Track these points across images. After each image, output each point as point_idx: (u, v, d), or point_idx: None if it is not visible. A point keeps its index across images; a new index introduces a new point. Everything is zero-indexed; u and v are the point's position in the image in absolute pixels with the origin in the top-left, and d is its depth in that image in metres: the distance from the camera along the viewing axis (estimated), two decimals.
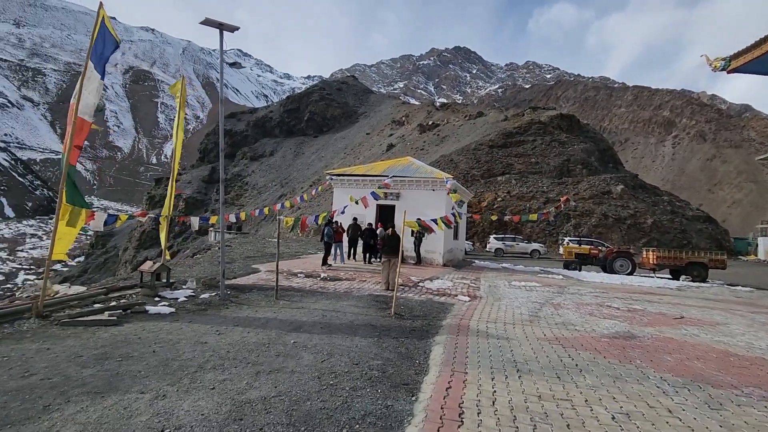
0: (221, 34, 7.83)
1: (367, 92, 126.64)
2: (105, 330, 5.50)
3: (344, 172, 17.83)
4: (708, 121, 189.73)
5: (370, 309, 7.61)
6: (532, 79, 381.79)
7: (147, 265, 8.30)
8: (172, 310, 6.81)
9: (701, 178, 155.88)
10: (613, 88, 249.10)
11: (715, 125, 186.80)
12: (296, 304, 7.77)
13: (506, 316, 7.37)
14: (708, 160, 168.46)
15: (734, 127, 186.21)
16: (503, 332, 6.15)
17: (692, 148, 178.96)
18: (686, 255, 18.12)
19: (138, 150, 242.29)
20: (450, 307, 8.08)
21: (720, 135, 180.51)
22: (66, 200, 6.42)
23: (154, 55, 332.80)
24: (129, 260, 65.16)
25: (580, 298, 10.01)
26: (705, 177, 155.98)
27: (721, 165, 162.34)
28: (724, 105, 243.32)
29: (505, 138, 49.91)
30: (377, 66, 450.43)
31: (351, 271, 12.23)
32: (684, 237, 37.48)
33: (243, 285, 9.45)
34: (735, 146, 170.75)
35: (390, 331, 6.10)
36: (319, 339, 5.51)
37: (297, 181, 79.38)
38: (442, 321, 6.84)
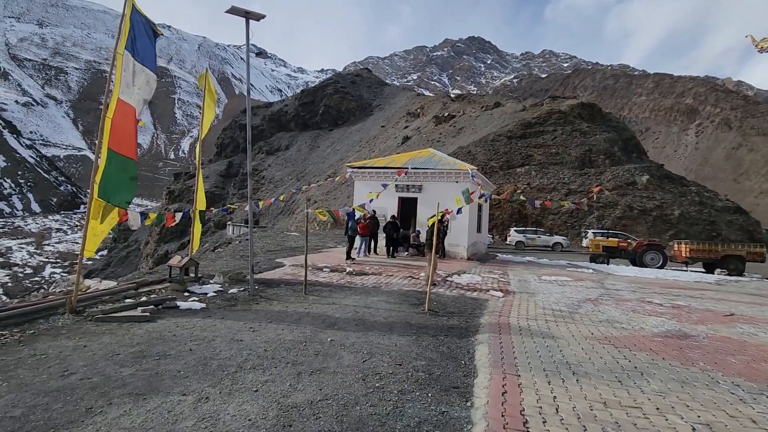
0: (247, 23, 7.62)
1: (382, 84, 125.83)
2: (139, 326, 5.40)
3: (365, 165, 17.59)
4: (734, 108, 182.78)
5: (402, 305, 7.39)
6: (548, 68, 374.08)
7: (176, 260, 8.23)
8: (203, 305, 6.70)
9: (726, 168, 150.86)
10: (633, 75, 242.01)
11: (741, 112, 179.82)
12: (326, 299, 7.59)
13: (545, 312, 7.06)
14: (734, 149, 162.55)
15: (762, 114, 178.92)
16: (547, 330, 5.86)
17: (717, 137, 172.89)
18: (722, 248, 17.39)
19: (156, 146, 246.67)
20: (484, 303, 7.80)
21: (746, 122, 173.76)
22: (98, 195, 6.33)
23: (170, 52, 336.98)
24: (150, 254, 66.50)
25: (617, 294, 9.60)
26: (730, 166, 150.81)
27: (748, 154, 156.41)
28: (751, 91, 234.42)
29: (523, 128, 48.90)
30: (390, 58, 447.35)
31: (376, 266, 12.03)
32: (713, 229, 36.23)
33: (270, 279, 9.33)
34: (763, 134, 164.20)
35: (427, 329, 5.86)
36: (356, 337, 5.31)
37: (312, 174, 79.57)
38: (480, 318, 6.57)
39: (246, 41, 7.65)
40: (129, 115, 6.68)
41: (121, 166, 6.46)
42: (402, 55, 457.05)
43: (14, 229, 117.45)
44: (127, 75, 6.73)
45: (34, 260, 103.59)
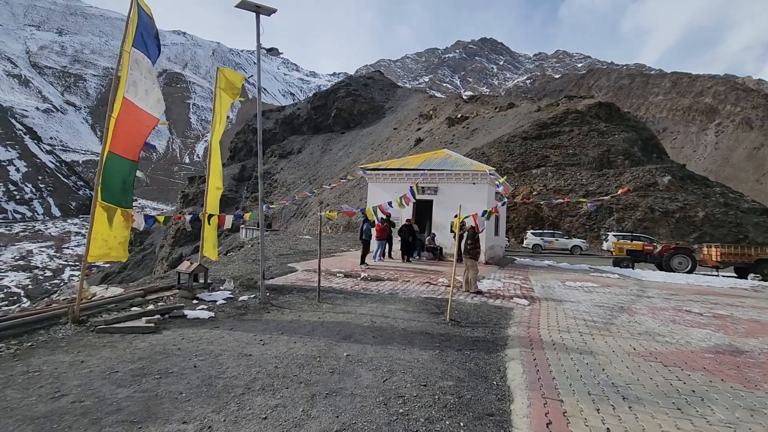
0: (257, 17, 7.29)
1: (394, 87, 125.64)
2: (142, 338, 5.05)
3: (379, 166, 17.18)
4: (755, 107, 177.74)
5: (421, 314, 6.93)
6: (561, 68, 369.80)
7: (184, 266, 7.91)
8: (211, 314, 6.34)
9: (748, 168, 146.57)
10: (650, 75, 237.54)
11: (762, 111, 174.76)
12: (340, 307, 7.17)
13: (577, 323, 6.52)
14: (755, 149, 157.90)
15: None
16: (583, 345, 5.33)
17: (737, 137, 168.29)
18: (755, 251, 16.49)
19: (172, 150, 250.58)
20: (509, 312, 7.29)
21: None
22: (102, 198, 6.03)
23: (185, 58, 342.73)
24: (165, 257, 67.18)
25: (650, 301, 8.98)
26: (752, 167, 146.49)
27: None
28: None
29: (539, 129, 48.00)
30: (402, 61, 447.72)
31: (391, 271, 11.58)
32: (740, 231, 34.88)
33: (281, 286, 8.96)
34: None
35: (451, 342, 5.39)
36: (373, 351, 4.87)
37: (325, 177, 79.56)
38: (507, 329, 6.07)
39: (256, 36, 7.31)
40: (134, 115, 6.37)
41: (121, 167, 6.16)
42: (413, 57, 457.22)
43: (35, 232, 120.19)
44: (136, 74, 6.44)
45: (53, 263, 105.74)
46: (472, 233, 8.99)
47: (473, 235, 8.98)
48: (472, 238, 8.91)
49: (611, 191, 37.51)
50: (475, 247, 8.90)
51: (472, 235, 8.97)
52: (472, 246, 8.89)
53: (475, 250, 8.90)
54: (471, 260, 8.90)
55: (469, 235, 8.93)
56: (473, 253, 8.92)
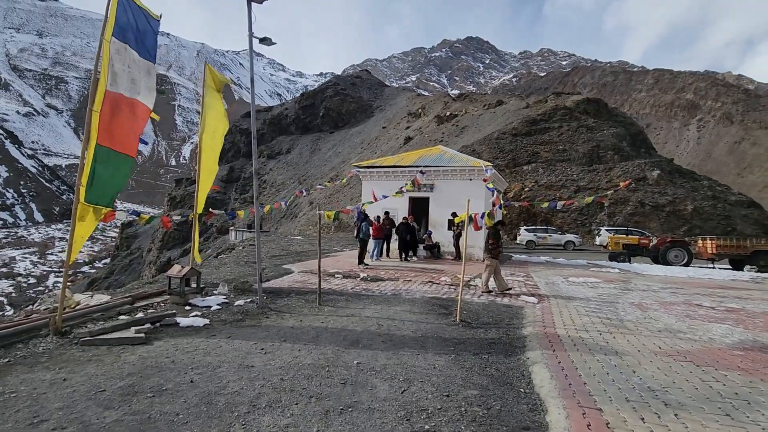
0: (249, 5, 6.87)
1: (381, 86, 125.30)
2: (132, 351, 4.62)
3: (372, 164, 16.81)
4: (735, 102, 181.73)
5: (428, 315, 6.59)
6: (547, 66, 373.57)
7: (175, 270, 7.45)
8: (206, 321, 5.92)
9: (729, 162, 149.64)
10: (632, 72, 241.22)
11: (742, 106, 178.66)
12: (343, 310, 6.80)
13: (591, 321, 6.25)
14: (736, 143, 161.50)
15: (763, 107, 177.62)
16: (605, 344, 5.05)
17: (719, 131, 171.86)
18: (751, 243, 16.51)
19: (157, 153, 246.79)
20: (519, 310, 6.99)
21: (748, 116, 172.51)
22: (85, 199, 5.57)
23: (170, 59, 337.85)
24: (153, 261, 65.90)
25: (657, 296, 8.77)
26: (733, 161, 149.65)
27: (751, 147, 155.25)
28: (752, 85, 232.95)
29: (529, 125, 48.07)
30: (389, 60, 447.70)
31: (391, 270, 11.23)
32: (728, 224, 35.29)
33: (278, 289, 8.54)
34: (765, 127, 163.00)
35: (465, 345, 5.06)
36: (385, 357, 4.52)
37: (314, 177, 78.89)
38: (522, 329, 5.77)
39: (248, 25, 6.89)
40: (122, 106, 5.92)
41: (114, 163, 5.70)
42: (400, 56, 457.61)
43: (17, 239, 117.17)
44: (118, 65, 5.98)
45: (37, 270, 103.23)
46: (494, 231, 8.61)
47: (496, 234, 8.60)
48: (495, 237, 8.51)
49: (603, 186, 37.72)
50: (496, 246, 8.49)
51: (496, 234, 8.59)
52: (494, 245, 8.47)
53: (497, 249, 8.48)
54: (493, 259, 8.46)
55: (491, 234, 8.54)
56: (495, 252, 8.49)
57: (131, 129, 6.00)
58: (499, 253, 8.61)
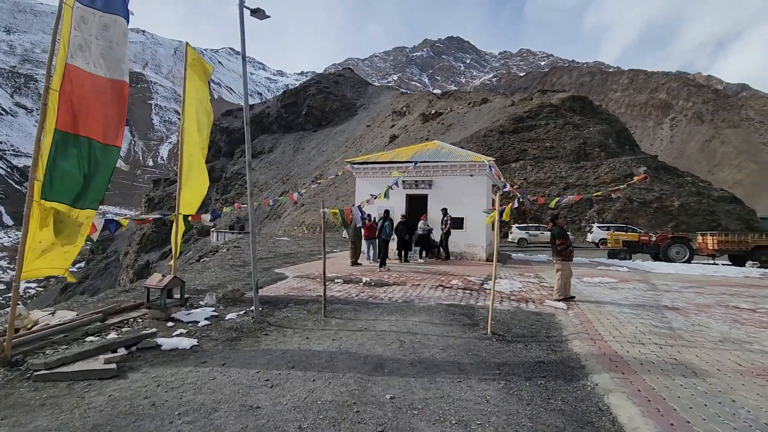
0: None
1: (365, 84, 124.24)
2: (100, 389, 3.62)
3: (367, 160, 15.90)
4: (705, 102, 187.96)
5: (452, 327, 5.75)
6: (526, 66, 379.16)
7: (155, 279, 6.40)
8: (194, 342, 4.93)
9: (701, 160, 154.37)
10: (608, 72, 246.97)
11: (712, 106, 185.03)
12: (353, 323, 5.89)
13: (639, 330, 5.51)
14: (707, 142, 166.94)
15: (732, 107, 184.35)
16: (674, 361, 4.28)
17: (690, 130, 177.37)
18: (752, 239, 16.27)
19: (134, 153, 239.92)
20: (552, 319, 6.21)
21: (718, 115, 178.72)
22: (46, 197, 4.51)
23: (146, 57, 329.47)
24: (130, 265, 63.40)
25: (686, 297, 8.15)
26: (704, 158, 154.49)
27: (720, 146, 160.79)
28: (720, 85, 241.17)
29: (516, 123, 47.88)
30: (370, 59, 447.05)
31: (395, 274, 10.34)
32: (713, 219, 35.64)
33: (274, 298, 7.57)
34: (733, 126, 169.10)
35: (511, 367, 4.23)
36: (422, 388, 3.64)
37: (298, 176, 77.40)
38: (567, 343, 4.97)
39: None
40: (90, 85, 4.86)
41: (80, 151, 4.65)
42: (382, 56, 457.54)
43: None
44: (83, 34, 4.92)
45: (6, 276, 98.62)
46: (561, 231, 7.61)
47: (562, 233, 7.62)
48: (562, 237, 7.54)
49: (591, 182, 37.68)
50: (566, 246, 7.54)
51: (561, 233, 7.61)
52: (564, 245, 7.51)
53: (567, 249, 7.51)
54: (564, 262, 7.47)
55: (558, 234, 7.56)
56: (566, 253, 7.51)
57: (107, 112, 4.95)
58: (570, 254, 7.54)
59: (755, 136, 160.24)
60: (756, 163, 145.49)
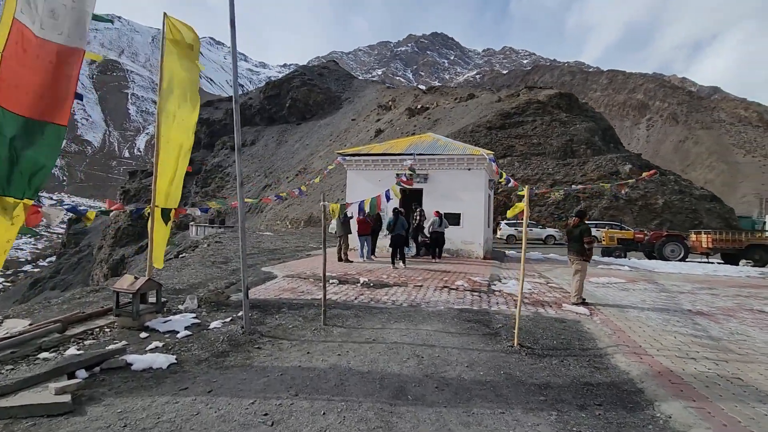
0: None
1: (350, 77, 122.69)
2: (50, 430, 2.79)
3: (360, 152, 15.10)
4: (680, 103, 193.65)
5: (471, 336, 5.07)
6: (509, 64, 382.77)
7: (126, 282, 5.51)
8: (172, 359, 4.11)
9: (675, 160, 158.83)
10: (588, 72, 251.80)
11: (686, 107, 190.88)
12: (358, 333, 5.16)
13: (680, 341, 4.94)
14: (681, 142, 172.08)
15: (704, 108, 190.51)
16: (740, 381, 3.71)
17: (665, 131, 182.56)
18: (746, 237, 16.19)
19: (109, 143, 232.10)
20: (578, 326, 5.61)
21: (691, 117, 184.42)
22: None
23: (122, 44, 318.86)
24: (104, 259, 60.96)
25: (702, 299, 7.70)
26: (678, 158, 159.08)
27: (693, 146, 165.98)
28: (694, 87, 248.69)
29: (503, 119, 47.65)
30: (354, 53, 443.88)
31: (394, 274, 9.62)
32: (695, 217, 36.16)
33: (264, 301, 6.76)
34: (706, 128, 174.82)
35: (555, 390, 3.57)
36: (461, 426, 2.95)
37: (282, 170, 75.81)
38: (609, 358, 4.35)
39: None
40: (37, 50, 3.94)
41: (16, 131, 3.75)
42: (366, 50, 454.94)
43: None
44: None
45: None
46: (586, 227, 6.97)
47: (587, 229, 6.98)
48: (588, 235, 6.92)
49: (578, 179, 37.72)
50: (592, 246, 6.99)
51: (587, 229, 6.96)
52: (590, 245, 6.95)
53: (591, 250, 6.98)
54: (584, 263, 6.89)
55: (584, 231, 6.90)
56: (589, 254, 6.96)
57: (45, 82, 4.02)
58: (590, 255, 7.02)
59: (726, 138, 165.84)
60: (726, 164, 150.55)
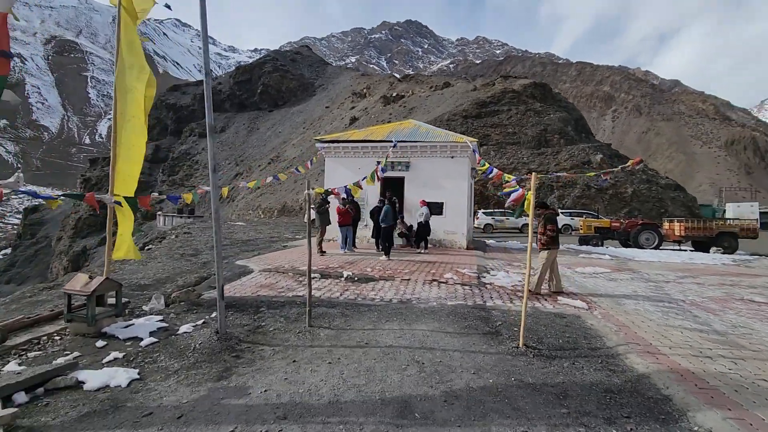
0: None
1: (323, 64, 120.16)
2: None
3: (338, 138, 14.44)
4: (643, 96, 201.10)
5: (471, 337, 4.68)
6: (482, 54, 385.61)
7: (80, 282, 4.80)
8: (134, 375, 3.51)
9: (638, 150, 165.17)
10: (558, 63, 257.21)
11: (649, 100, 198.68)
12: (347, 334, 4.67)
13: (688, 337, 4.72)
14: (643, 133, 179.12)
15: (666, 101, 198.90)
16: (764, 381, 3.46)
17: (630, 122, 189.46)
18: (716, 225, 16.60)
19: (68, 129, 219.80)
20: (580, 322, 5.31)
21: (654, 109, 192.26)
22: None
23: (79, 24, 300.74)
24: (64, 251, 57.81)
25: (690, 289, 7.63)
26: (641, 149, 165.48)
27: (655, 137, 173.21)
28: (657, 80, 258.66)
29: (479, 108, 47.65)
30: (327, 39, 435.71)
31: (378, 266, 9.14)
32: (661, 205, 37.39)
33: (240, 300, 6.16)
34: (667, 119, 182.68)
35: (578, 402, 3.20)
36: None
37: (253, 158, 73.70)
38: (622, 359, 4.04)
39: None
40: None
41: None
42: (340, 36, 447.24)
43: None
44: None
45: None
46: (552, 216, 6.84)
47: (552, 217, 6.81)
48: (553, 222, 6.75)
49: (552, 169, 38.21)
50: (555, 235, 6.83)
51: (551, 217, 6.80)
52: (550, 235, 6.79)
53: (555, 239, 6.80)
54: (551, 251, 6.73)
55: (550, 219, 6.76)
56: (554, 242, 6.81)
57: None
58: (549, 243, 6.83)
59: (685, 129, 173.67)
60: (685, 154, 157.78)
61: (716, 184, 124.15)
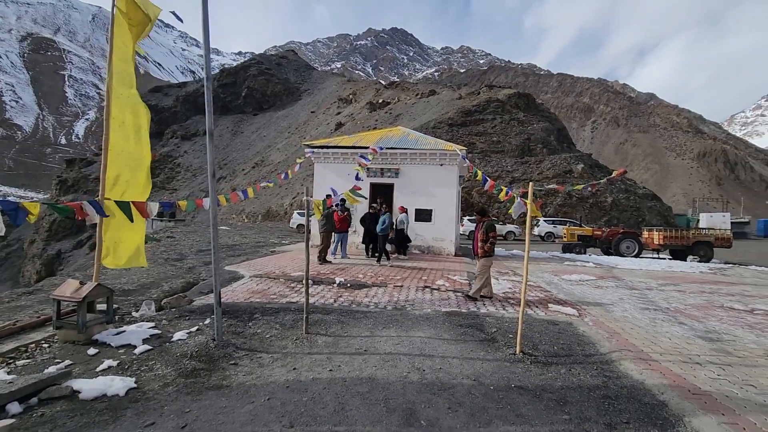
0: None
1: (309, 68, 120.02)
2: None
3: (328, 143, 14.44)
4: (621, 107, 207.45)
5: (468, 343, 4.73)
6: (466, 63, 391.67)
7: (70, 288, 4.67)
8: (131, 383, 3.43)
9: (615, 161, 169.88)
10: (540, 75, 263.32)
11: (627, 112, 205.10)
12: (345, 341, 4.67)
13: (676, 344, 4.87)
14: (621, 144, 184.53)
15: (642, 113, 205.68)
16: (753, 389, 3.60)
17: (608, 133, 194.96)
18: (692, 234, 17.17)
19: (43, 129, 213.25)
20: (572, 329, 5.42)
21: (631, 121, 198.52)
22: None
23: (57, 21, 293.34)
24: (38, 254, 55.80)
25: (672, 296, 7.88)
26: (618, 160, 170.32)
27: (632, 148, 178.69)
28: (634, 93, 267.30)
29: (464, 116, 48.29)
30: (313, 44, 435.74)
31: (369, 273, 9.15)
32: (639, 215, 38.45)
33: (235, 305, 6.08)
34: (643, 131, 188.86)
35: (579, 408, 3.28)
36: None
37: (237, 162, 72.87)
38: (616, 365, 4.14)
39: None
40: None
41: None
42: (325, 41, 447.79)
43: None
44: None
45: None
46: (493, 224, 7.01)
47: (491, 225, 6.97)
48: (494, 230, 6.89)
49: (535, 177, 38.91)
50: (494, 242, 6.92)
51: (491, 225, 6.96)
52: (494, 240, 6.91)
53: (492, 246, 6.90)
54: (489, 258, 6.87)
55: (491, 227, 6.89)
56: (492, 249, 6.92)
57: None
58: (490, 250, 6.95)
59: (660, 141, 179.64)
60: (660, 165, 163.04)
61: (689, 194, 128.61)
